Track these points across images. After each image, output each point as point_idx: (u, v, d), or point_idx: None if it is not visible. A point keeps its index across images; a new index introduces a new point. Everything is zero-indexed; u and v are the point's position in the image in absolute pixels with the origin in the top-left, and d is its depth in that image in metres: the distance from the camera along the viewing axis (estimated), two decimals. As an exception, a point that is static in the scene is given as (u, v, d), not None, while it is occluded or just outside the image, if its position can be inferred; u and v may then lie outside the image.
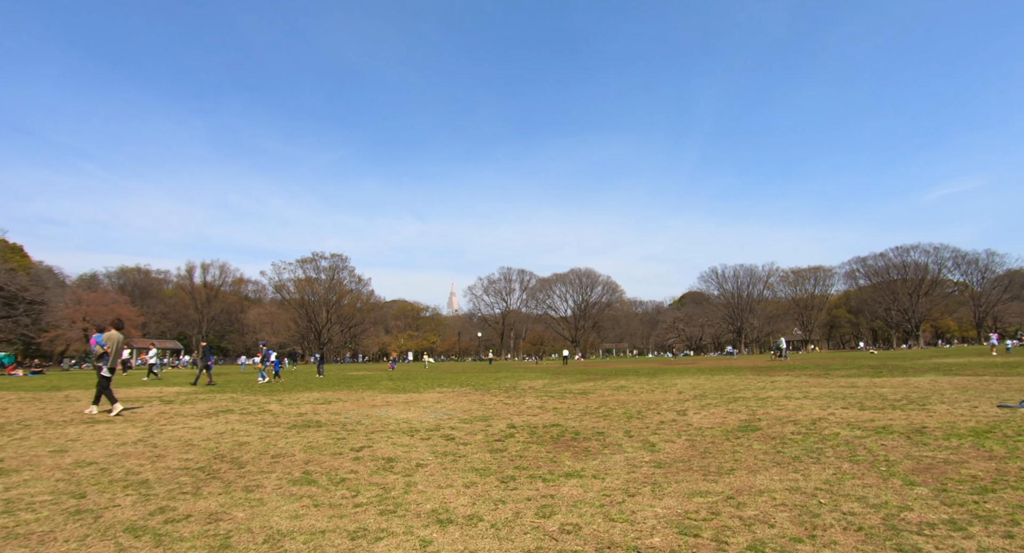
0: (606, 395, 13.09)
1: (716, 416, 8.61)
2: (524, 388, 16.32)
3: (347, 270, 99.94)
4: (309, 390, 16.93)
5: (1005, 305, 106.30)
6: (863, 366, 23.49)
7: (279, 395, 14.86)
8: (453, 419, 8.85)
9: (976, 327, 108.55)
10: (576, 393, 13.93)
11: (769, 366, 27.77)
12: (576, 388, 15.71)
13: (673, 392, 13.43)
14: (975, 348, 59.60)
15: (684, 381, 17.44)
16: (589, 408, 10.16)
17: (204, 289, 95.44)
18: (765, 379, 17.20)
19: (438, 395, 14.22)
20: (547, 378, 22.00)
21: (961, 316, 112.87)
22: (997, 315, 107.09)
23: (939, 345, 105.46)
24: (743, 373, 21.26)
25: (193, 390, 17.41)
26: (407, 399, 13.10)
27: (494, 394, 14.21)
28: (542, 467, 5.16)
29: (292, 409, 10.80)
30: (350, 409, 10.75)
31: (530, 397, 13.02)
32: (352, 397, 13.88)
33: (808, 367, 24.53)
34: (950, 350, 55.44)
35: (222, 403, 12.34)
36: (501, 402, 11.85)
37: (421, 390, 16.23)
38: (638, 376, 21.37)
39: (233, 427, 8.09)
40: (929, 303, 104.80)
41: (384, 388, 17.45)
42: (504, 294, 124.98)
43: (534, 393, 14.28)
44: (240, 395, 15.00)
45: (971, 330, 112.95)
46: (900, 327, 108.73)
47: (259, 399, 13.43)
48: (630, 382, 17.75)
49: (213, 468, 5.22)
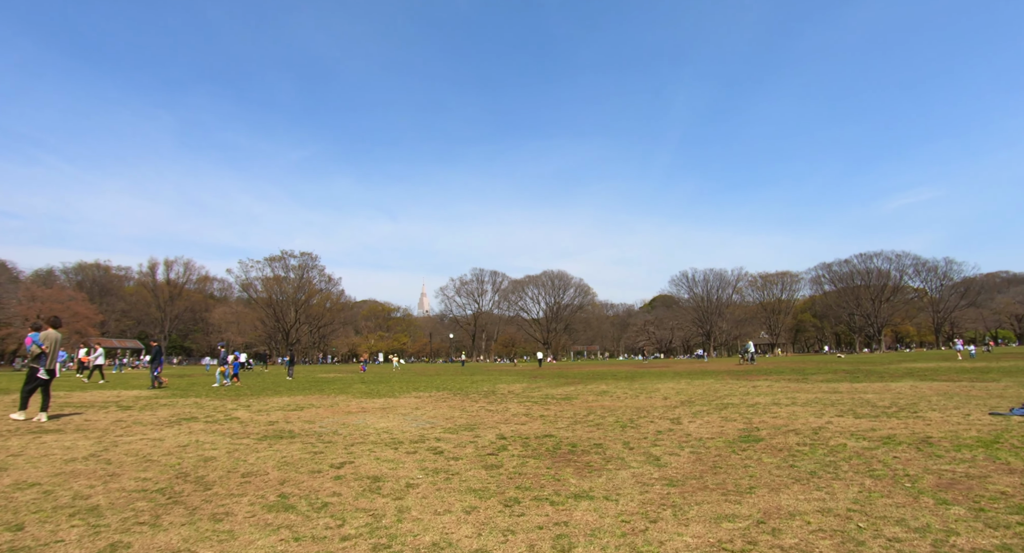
0: (591, 401, 12.71)
1: (712, 425, 8.29)
2: (504, 393, 15.86)
3: (317, 269, 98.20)
4: (278, 394, 16.15)
5: (962, 311, 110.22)
6: (837, 370, 23.73)
7: (247, 400, 14.08)
8: (437, 428, 8.33)
9: (935, 332, 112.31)
10: (559, 399, 13.53)
11: (746, 370, 27.91)
12: (558, 393, 15.31)
13: (658, 398, 13.13)
14: (937, 353, 61.45)
15: (666, 386, 17.22)
16: (578, 416, 9.75)
17: (167, 287, 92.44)
18: (746, 384, 17.10)
19: (416, 400, 13.65)
20: (524, 381, 21.57)
21: (920, 322, 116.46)
22: (954, 321, 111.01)
23: (900, 349, 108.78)
24: (721, 377, 21.21)
25: (153, 394, 16.45)
26: (384, 405, 12.50)
27: (474, 399, 13.71)
28: (546, 486, 4.70)
29: (262, 416, 10.11)
30: (324, 416, 10.12)
31: (513, 403, 12.56)
32: (325, 402, 13.21)
33: (784, 371, 24.68)
34: (913, 354, 57.01)
35: (185, 409, 11.55)
36: (483, 408, 11.36)
37: (397, 394, 15.62)
38: (617, 380, 21.12)
39: (198, 438, 7.41)
40: (891, 309, 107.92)
41: (358, 392, 16.78)
42: (476, 295, 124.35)
43: (515, 398, 13.83)
44: (204, 400, 14.17)
45: (929, 335, 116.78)
46: (863, 332, 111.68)
47: (225, 405, 12.66)
48: (611, 387, 17.44)
49: (175, 490, 4.61)
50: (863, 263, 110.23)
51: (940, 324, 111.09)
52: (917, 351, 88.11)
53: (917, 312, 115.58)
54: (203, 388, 19.52)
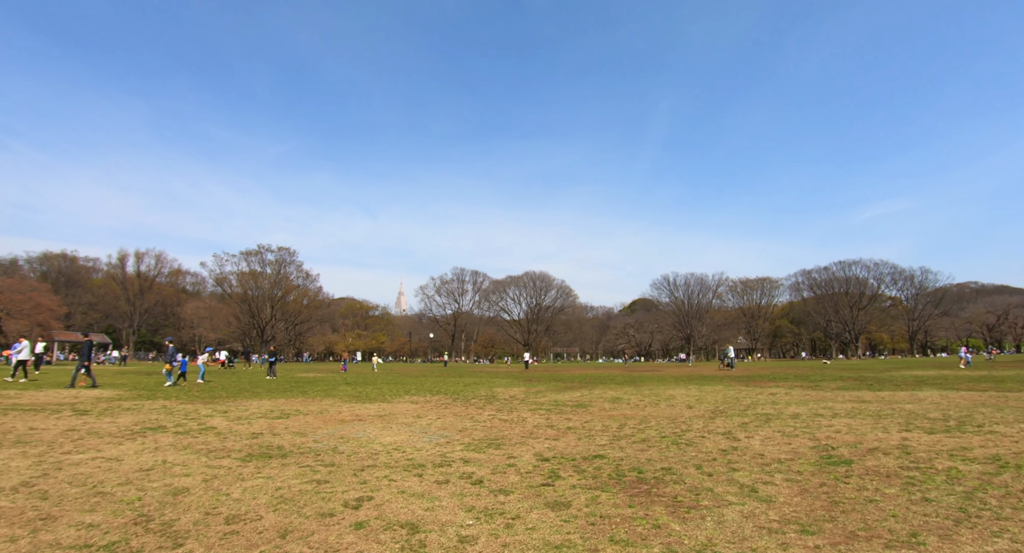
0: (608, 409, 11.50)
1: (776, 441, 7.13)
2: (506, 398, 14.57)
3: (294, 264, 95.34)
4: (257, 396, 14.63)
5: (936, 320, 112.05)
6: (841, 377, 22.92)
7: (223, 404, 12.56)
8: (455, 445, 7.03)
9: (909, 340, 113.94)
10: (571, 406, 12.30)
11: (746, 376, 27.00)
12: (566, 399, 14.07)
13: (681, 406, 11.97)
14: (922, 360, 61.70)
15: (678, 392, 16.07)
16: (610, 428, 8.52)
17: (137, 279, 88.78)
18: (761, 390, 16.03)
19: (413, 406, 12.30)
20: (521, 385, 20.28)
21: (893, 329, 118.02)
22: (928, 329, 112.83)
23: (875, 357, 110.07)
24: (727, 383, 20.16)
25: (116, 395, 14.80)
26: (379, 411, 11.13)
27: (477, 406, 12.40)
28: (649, 538, 3.45)
29: (242, 426, 8.68)
30: (316, 427, 8.73)
31: (524, 411, 11.28)
32: (312, 407, 11.78)
33: (786, 377, 23.79)
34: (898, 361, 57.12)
35: (152, 415, 10.02)
36: (496, 418, 10.07)
37: (390, 399, 14.23)
38: (620, 385, 19.94)
39: (165, 458, 5.97)
40: (868, 316, 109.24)
41: (345, 395, 15.33)
42: (457, 295, 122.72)
43: (523, 405, 12.55)
44: (174, 403, 12.61)
45: (902, 343, 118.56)
46: (839, 338, 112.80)
47: (198, 410, 11.15)
48: (619, 392, 16.25)
49: (132, 547, 3.25)
50: (842, 271, 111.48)
51: (915, 332, 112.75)
52: (892, 358, 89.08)
53: (892, 320, 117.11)
54: (173, 388, 17.86)
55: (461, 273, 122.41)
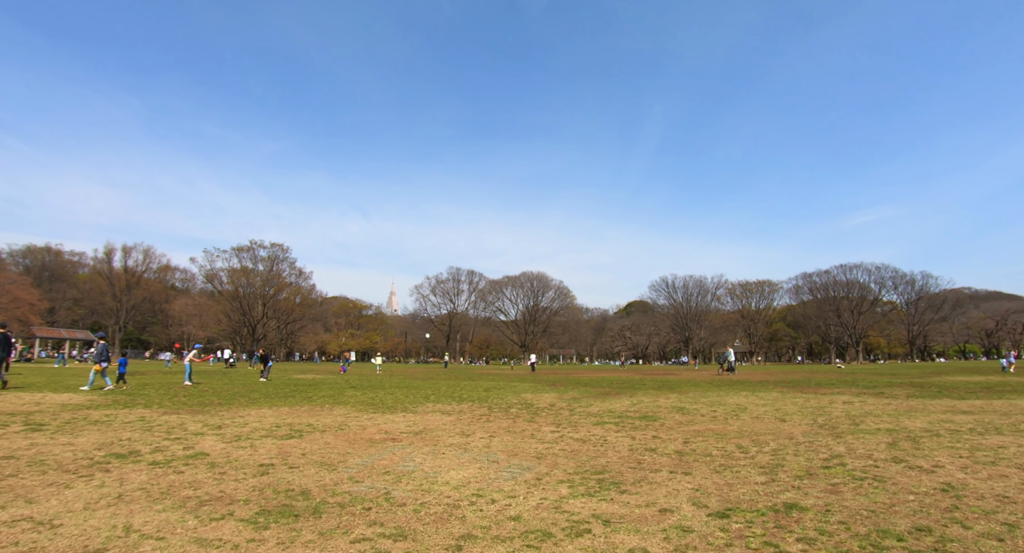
0: (685, 422, 9.40)
1: (984, 472, 5.06)
2: (547, 407, 12.44)
3: (287, 262, 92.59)
4: (255, 403, 12.43)
5: (936, 325, 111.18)
6: (892, 384, 20.91)
7: (215, 414, 10.37)
8: (553, 483, 4.92)
9: (908, 344, 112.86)
10: (636, 418, 10.21)
11: (771, 381, 24.94)
12: (620, 409, 11.94)
13: (769, 419, 9.86)
14: (937, 365, 59.96)
15: (735, 400, 13.91)
16: (732, 453, 6.39)
17: (124, 274, 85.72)
18: (824, 398, 13.92)
19: (446, 418, 10.17)
20: (548, 390, 18.12)
21: (891, 334, 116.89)
22: (927, 334, 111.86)
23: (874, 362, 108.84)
24: (778, 389, 18.04)
25: (87, 400, 12.55)
26: (411, 426, 8.99)
27: (525, 418, 10.28)
28: None
29: (244, 451, 6.51)
30: (344, 452, 6.59)
31: (589, 425, 9.16)
32: (326, 420, 9.62)
33: (832, 383, 21.70)
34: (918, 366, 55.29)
35: (124, 433, 7.81)
36: (565, 436, 7.95)
37: (412, 407, 12.07)
38: (656, 390, 17.79)
39: (130, 521, 3.77)
40: (869, 320, 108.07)
41: (357, 402, 13.15)
42: (452, 295, 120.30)
43: (578, 417, 10.42)
44: (154, 413, 10.40)
45: (898, 347, 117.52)
46: (838, 342, 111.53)
47: (184, 424, 8.95)
48: (668, 399, 14.15)
49: None
50: (843, 274, 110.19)
51: (915, 337, 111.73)
52: (892, 363, 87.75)
53: (889, 325, 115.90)
54: (157, 392, 15.59)
55: (457, 273, 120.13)
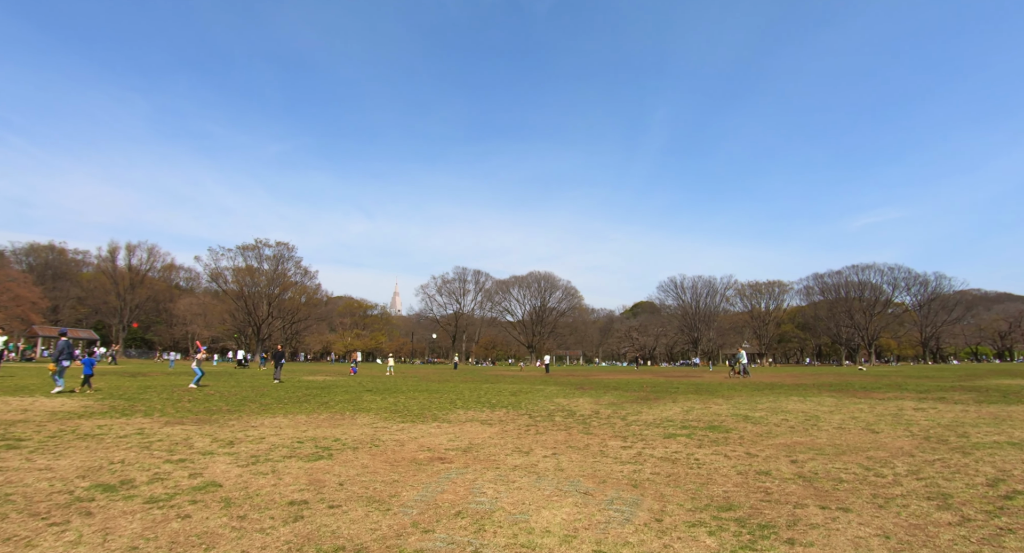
0: (765, 434, 8.06)
1: None
2: (593, 414, 11.10)
3: (293, 260, 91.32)
4: (269, 410, 11.14)
5: (949, 326, 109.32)
6: (942, 388, 19.42)
7: (224, 424, 9.08)
8: (684, 525, 3.61)
9: (922, 346, 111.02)
10: (704, 428, 8.88)
11: (810, 384, 23.50)
12: (675, 417, 10.58)
13: (857, 430, 8.49)
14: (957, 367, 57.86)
15: (800, 407, 12.56)
16: (867, 478, 5.07)
17: (128, 273, 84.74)
18: (891, 404, 12.52)
19: (488, 429, 8.86)
20: (581, 394, 16.75)
21: (902, 335, 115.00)
22: (939, 335, 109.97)
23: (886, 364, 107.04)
24: (826, 393, 16.61)
25: (80, 407, 11.30)
26: (455, 441, 7.68)
27: (579, 429, 8.95)
28: None
29: (265, 479, 5.22)
30: (389, 479, 5.28)
31: (661, 440, 7.84)
32: (352, 432, 8.32)
33: (871, 387, 20.21)
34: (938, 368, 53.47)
35: (117, 452, 6.51)
36: (646, 453, 6.62)
37: (441, 414, 10.76)
38: (696, 395, 16.36)
39: None
40: (883, 322, 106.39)
41: (380, 409, 11.86)
42: (458, 295, 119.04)
43: (640, 428, 9.09)
44: (155, 423, 9.13)
45: (908, 349, 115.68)
46: (849, 344, 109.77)
47: (190, 438, 7.66)
48: (715, 405, 12.79)
49: None
50: (855, 275, 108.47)
51: (928, 339, 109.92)
52: (906, 365, 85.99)
53: (900, 326, 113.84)
54: (158, 395, 14.34)
55: (463, 272, 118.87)
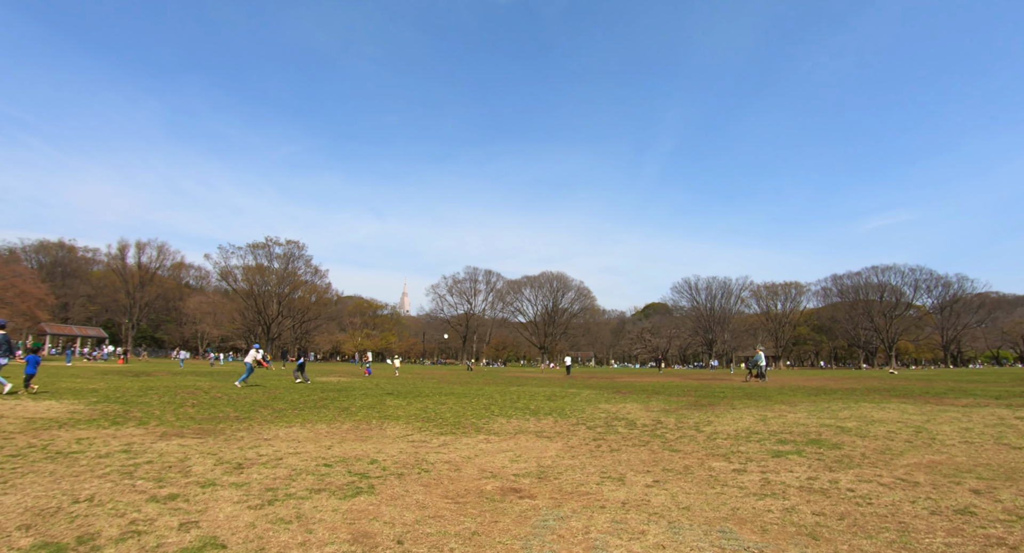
0: (871, 447, 6.46)
1: None
2: (657, 424, 9.51)
3: (303, 259, 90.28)
4: (283, 418, 9.65)
5: (970, 329, 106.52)
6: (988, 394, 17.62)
7: (231, 439, 7.59)
8: None
9: (943, 349, 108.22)
10: (800, 442, 7.28)
11: (881, 388, 21.72)
12: (758, 427, 8.97)
13: (989, 445, 6.89)
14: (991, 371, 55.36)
15: (886, 415, 10.92)
16: None
17: (138, 271, 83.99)
18: (985, 411, 10.84)
19: (548, 444, 7.31)
20: (621, 399, 15.11)
21: (921, 339, 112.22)
22: (960, 339, 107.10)
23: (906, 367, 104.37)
24: (885, 397, 14.92)
25: (66, 413, 9.87)
26: (516, 460, 6.14)
27: (659, 444, 7.39)
28: None
29: (287, 533, 3.68)
30: (457, 524, 3.74)
31: (766, 457, 6.25)
32: (390, 450, 6.80)
33: (927, 392, 18.41)
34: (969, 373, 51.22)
35: (88, 480, 5.02)
36: (780, 483, 5.05)
37: (486, 424, 9.22)
38: (750, 400, 14.72)
39: None
40: (904, 323, 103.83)
41: (410, 416, 10.33)
42: (469, 295, 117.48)
43: (729, 441, 7.52)
44: (149, 435, 7.66)
45: (926, 352, 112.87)
46: (866, 347, 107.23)
47: (187, 456, 6.16)
48: (790, 415, 11.17)
49: None
50: (875, 276, 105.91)
51: (949, 342, 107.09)
52: (928, 369, 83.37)
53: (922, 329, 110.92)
54: (159, 398, 12.92)
55: (474, 273, 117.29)
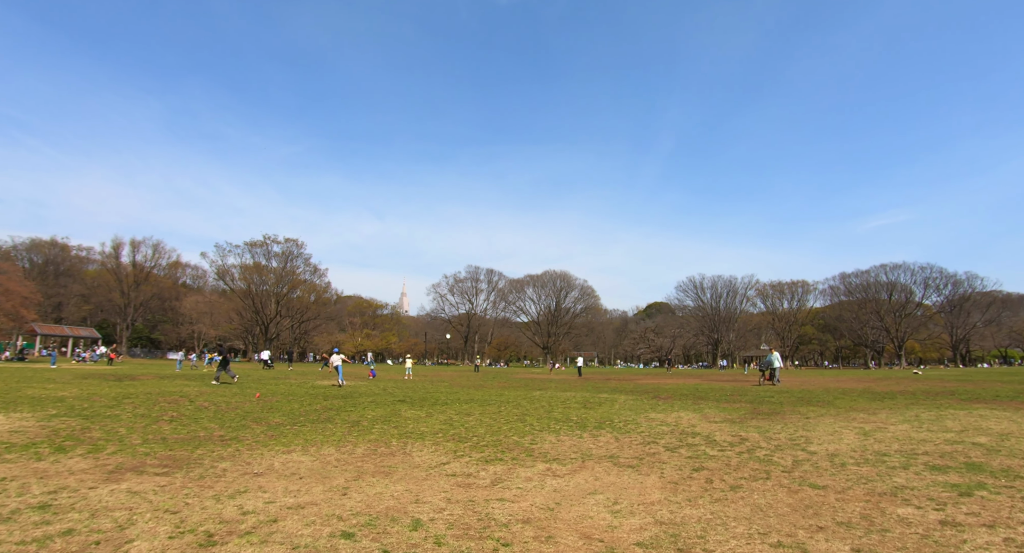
0: None
1: None
2: (739, 441, 7.65)
3: (302, 258, 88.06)
4: (280, 439, 7.78)
5: (985, 328, 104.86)
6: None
7: (209, 467, 5.69)
8: None
9: (952, 349, 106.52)
10: (962, 468, 5.43)
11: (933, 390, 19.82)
12: (881, 448, 7.09)
13: None
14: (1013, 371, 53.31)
15: (1000, 427, 9.06)
16: None
17: (133, 270, 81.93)
18: None
19: (633, 475, 5.43)
20: (665, 406, 13.22)
21: (928, 338, 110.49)
22: (970, 338, 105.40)
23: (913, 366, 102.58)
24: (954, 401, 13.05)
25: (7, 433, 8.00)
26: (616, 504, 4.23)
27: (780, 475, 5.52)
28: None
29: None
30: None
31: (961, 498, 4.41)
32: (432, 496, 4.89)
33: (993, 396, 16.47)
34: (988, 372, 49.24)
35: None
36: None
37: (534, 444, 7.34)
38: (813, 407, 12.86)
39: None
40: (915, 322, 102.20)
41: (436, 433, 8.44)
42: (471, 295, 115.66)
43: (878, 470, 5.66)
44: (97, 466, 5.75)
45: (932, 352, 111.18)
46: (874, 347, 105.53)
47: (134, 509, 4.26)
48: (892, 426, 9.29)
49: None
50: (884, 274, 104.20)
51: (959, 341, 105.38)
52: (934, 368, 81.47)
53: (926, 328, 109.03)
54: (132, 409, 11.03)
55: (476, 272, 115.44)
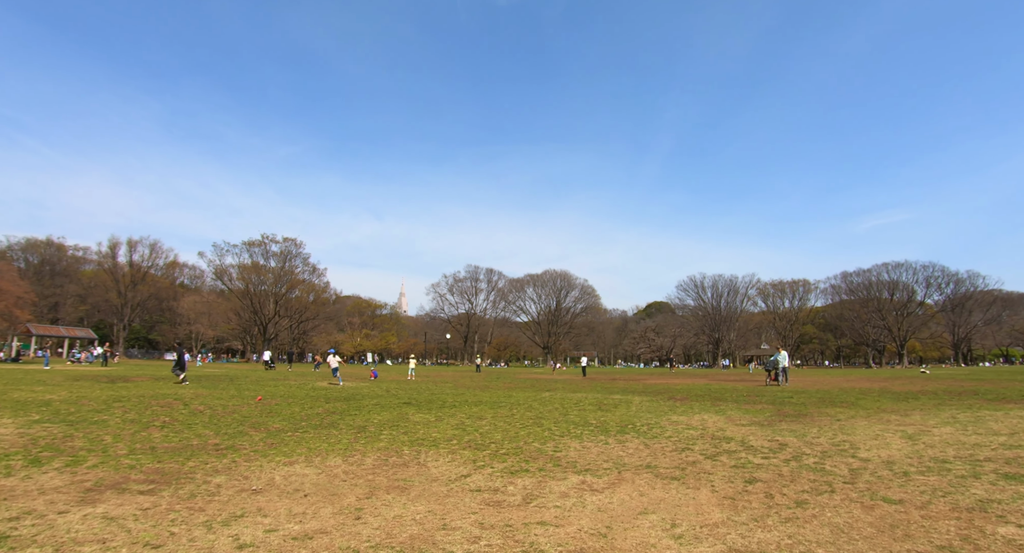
0: None
1: None
2: (780, 447, 6.91)
3: (301, 257, 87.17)
4: (280, 448, 7.01)
5: (985, 326, 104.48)
6: None
7: (200, 483, 4.90)
8: None
9: (953, 347, 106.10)
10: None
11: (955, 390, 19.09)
12: (939, 456, 6.37)
13: None
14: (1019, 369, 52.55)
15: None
16: None
17: (130, 269, 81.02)
18: None
19: (680, 488, 4.69)
20: (686, 408, 12.47)
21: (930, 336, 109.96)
22: (971, 337, 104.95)
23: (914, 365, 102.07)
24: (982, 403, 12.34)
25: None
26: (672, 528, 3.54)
27: (848, 490, 4.78)
28: None
29: None
30: None
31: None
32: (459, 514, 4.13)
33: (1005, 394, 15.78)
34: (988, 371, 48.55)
35: None
36: None
37: (559, 452, 6.58)
38: (856, 408, 12.14)
39: None
40: (918, 321, 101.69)
41: (450, 439, 7.68)
42: (470, 294, 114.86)
43: (946, 481, 4.93)
44: (67, 490, 4.96)
45: (933, 351, 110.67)
46: (875, 346, 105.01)
47: (109, 541, 3.54)
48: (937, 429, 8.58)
49: None
50: (886, 273, 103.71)
51: (960, 340, 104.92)
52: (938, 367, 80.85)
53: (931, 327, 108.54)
54: (121, 416, 10.26)
55: (475, 271, 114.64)
